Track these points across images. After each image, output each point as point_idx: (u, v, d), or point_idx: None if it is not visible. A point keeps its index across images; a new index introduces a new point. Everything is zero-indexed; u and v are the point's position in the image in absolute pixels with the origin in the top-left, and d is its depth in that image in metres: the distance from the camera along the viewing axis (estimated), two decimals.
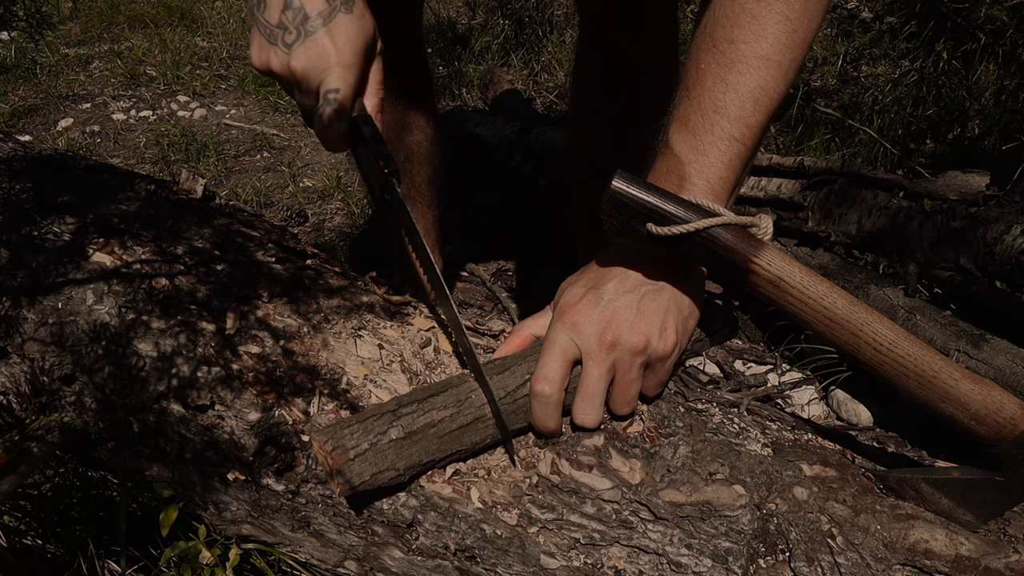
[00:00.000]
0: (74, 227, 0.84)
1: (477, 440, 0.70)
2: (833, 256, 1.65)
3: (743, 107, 0.68)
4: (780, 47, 0.68)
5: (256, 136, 2.74)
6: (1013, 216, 1.34)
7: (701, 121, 0.69)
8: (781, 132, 2.38)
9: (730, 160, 0.69)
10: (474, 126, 2.39)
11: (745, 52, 0.68)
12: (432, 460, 0.68)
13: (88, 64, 3.33)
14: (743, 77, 0.68)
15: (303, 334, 0.77)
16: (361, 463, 0.64)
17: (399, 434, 0.66)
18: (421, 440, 0.67)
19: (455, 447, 0.69)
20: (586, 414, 0.71)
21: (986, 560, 0.65)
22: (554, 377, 0.69)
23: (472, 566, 0.70)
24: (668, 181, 0.71)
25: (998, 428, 0.64)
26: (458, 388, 0.70)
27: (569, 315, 0.71)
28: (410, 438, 0.66)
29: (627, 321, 0.69)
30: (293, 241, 0.89)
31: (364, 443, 0.65)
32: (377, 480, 0.65)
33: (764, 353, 1.63)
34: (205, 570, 0.79)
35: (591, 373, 0.70)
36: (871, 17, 2.98)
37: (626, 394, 0.72)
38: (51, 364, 0.77)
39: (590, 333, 0.70)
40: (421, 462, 0.68)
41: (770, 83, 0.69)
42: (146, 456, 0.76)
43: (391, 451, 0.66)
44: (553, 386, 0.69)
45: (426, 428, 0.67)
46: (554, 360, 0.70)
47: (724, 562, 0.66)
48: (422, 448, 0.67)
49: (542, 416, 0.71)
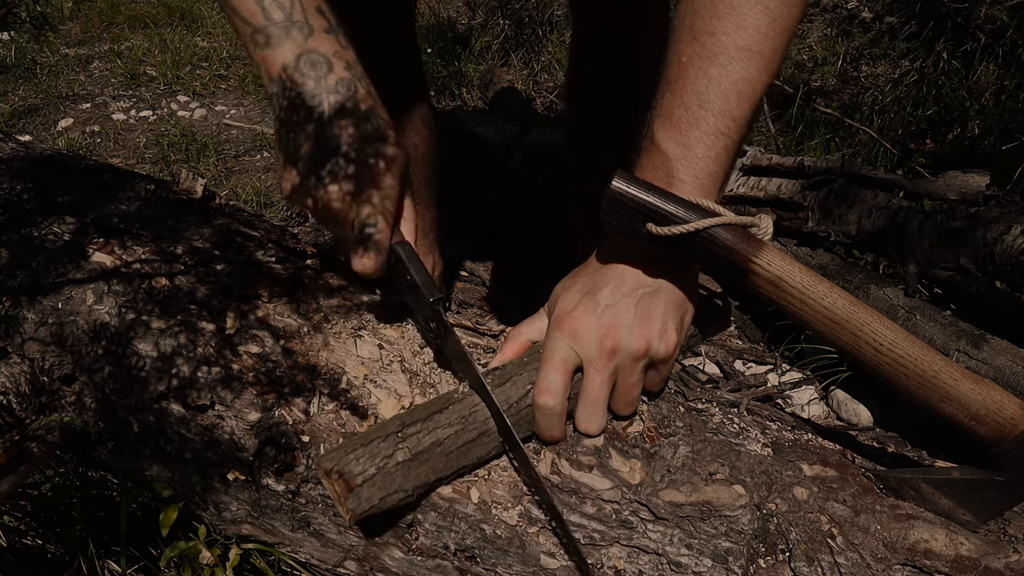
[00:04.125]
0: (74, 227, 0.84)
1: (483, 454, 0.70)
2: (833, 256, 1.65)
3: (727, 100, 0.68)
4: (761, 37, 0.67)
5: (256, 136, 2.74)
6: (1013, 216, 1.34)
7: (686, 116, 0.68)
8: (781, 132, 2.38)
9: (716, 154, 0.68)
10: (474, 126, 2.39)
11: (726, 44, 0.67)
12: (439, 478, 0.68)
13: (88, 64, 3.33)
14: (725, 69, 0.67)
15: (303, 334, 0.77)
16: (369, 488, 0.64)
17: (405, 456, 0.65)
18: (428, 460, 0.66)
19: (461, 463, 0.69)
20: (590, 422, 0.71)
21: (986, 560, 0.65)
22: (556, 389, 0.69)
23: (472, 566, 0.70)
24: (655, 177, 0.70)
25: (998, 428, 0.64)
26: (461, 403, 0.69)
27: (567, 322, 0.70)
28: (417, 459, 0.66)
29: (626, 326, 0.69)
30: (293, 241, 0.89)
31: (371, 468, 0.64)
32: (386, 503, 0.65)
33: (764, 353, 1.63)
34: (205, 570, 0.79)
35: (593, 381, 0.70)
36: (871, 17, 2.98)
37: (628, 397, 0.72)
38: (51, 364, 0.77)
39: (590, 341, 0.69)
40: (428, 481, 0.67)
41: (753, 74, 0.68)
42: (146, 456, 0.76)
43: (399, 474, 0.65)
44: (556, 398, 0.69)
45: (432, 448, 0.66)
46: (555, 371, 0.69)
47: (724, 562, 0.66)
48: (429, 468, 0.67)
49: (547, 427, 0.70)
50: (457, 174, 2.25)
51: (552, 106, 2.83)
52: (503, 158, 2.30)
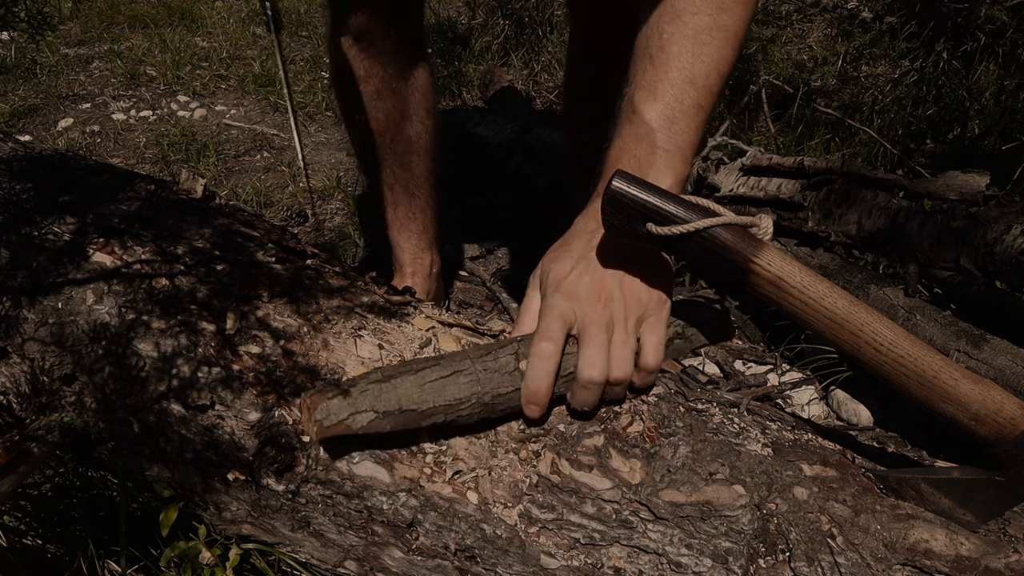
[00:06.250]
0: (74, 227, 0.84)
1: (460, 396, 0.69)
2: (833, 256, 1.64)
3: (708, 77, 0.74)
4: (736, 18, 0.74)
5: (256, 136, 2.74)
6: (1013, 216, 1.34)
7: (671, 91, 0.74)
8: (781, 132, 2.38)
9: (696, 126, 0.74)
10: (474, 126, 2.39)
11: (708, 23, 0.73)
12: (413, 410, 0.68)
13: (88, 64, 3.33)
14: (707, 48, 0.73)
15: (303, 334, 0.77)
16: (339, 402, 0.65)
17: (378, 377, 0.67)
18: (400, 387, 0.67)
19: (437, 401, 0.68)
20: (592, 367, 0.71)
21: (986, 560, 0.65)
22: (555, 336, 0.71)
23: (472, 566, 0.70)
24: (638, 147, 0.74)
25: (998, 428, 0.64)
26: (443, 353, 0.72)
27: (564, 285, 0.73)
28: (389, 382, 0.67)
29: (617, 279, 0.73)
30: (293, 241, 0.89)
31: (343, 387, 0.66)
32: (356, 423, 0.65)
33: (764, 353, 1.63)
34: (205, 570, 0.79)
35: (590, 330, 0.71)
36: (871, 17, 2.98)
37: (624, 349, 0.72)
38: (51, 364, 0.77)
39: (585, 296, 0.72)
40: (401, 408, 0.67)
41: (729, 53, 0.75)
42: (146, 456, 0.76)
43: (369, 395, 0.66)
44: (554, 344, 0.70)
45: (405, 375, 0.68)
46: (555, 321, 0.71)
47: (724, 562, 0.66)
48: (402, 394, 0.67)
49: (537, 375, 0.70)
50: (457, 174, 2.25)
51: (552, 106, 2.83)
52: (503, 158, 2.30)
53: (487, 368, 0.70)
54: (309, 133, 2.76)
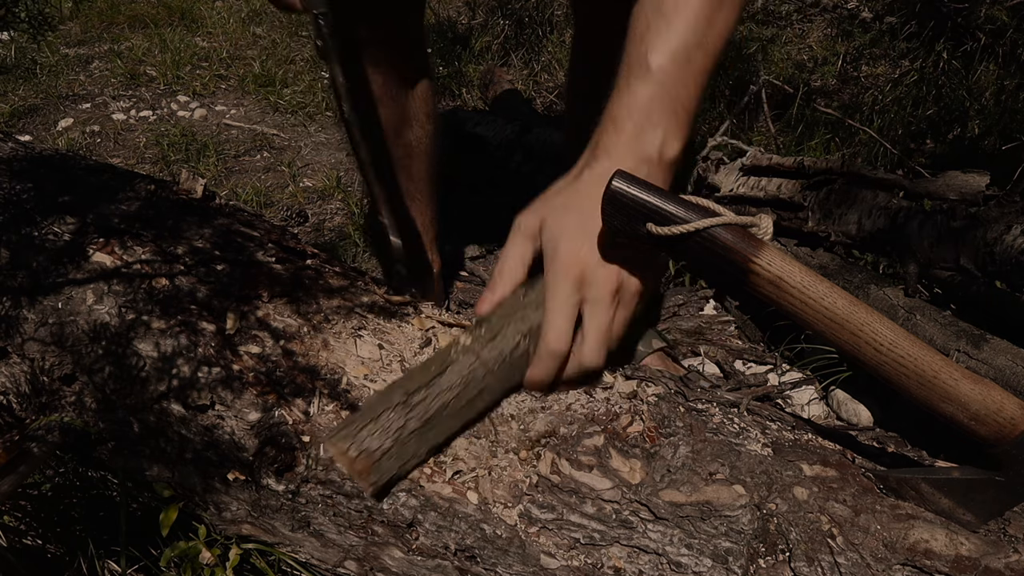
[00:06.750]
0: (74, 227, 0.84)
1: (484, 407, 0.73)
2: (833, 256, 1.64)
3: (717, 44, 0.76)
4: None
5: (256, 136, 2.74)
6: (1013, 216, 1.34)
7: (686, 55, 0.75)
8: (781, 132, 2.38)
9: (703, 89, 0.77)
10: (474, 126, 2.39)
11: None
12: (448, 437, 0.71)
13: (88, 64, 3.33)
14: (721, 14, 0.75)
15: (303, 334, 0.77)
16: (387, 460, 0.67)
17: (417, 424, 0.68)
18: (437, 424, 0.69)
19: (466, 418, 0.72)
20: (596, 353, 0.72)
21: (986, 560, 0.65)
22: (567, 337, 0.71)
23: (472, 566, 0.70)
24: (655, 105, 0.75)
25: (998, 428, 0.64)
26: (459, 363, 0.70)
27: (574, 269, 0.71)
28: (428, 424, 0.68)
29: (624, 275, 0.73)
30: (293, 241, 0.89)
31: (387, 441, 0.66)
32: (404, 471, 0.69)
33: (764, 353, 1.62)
34: (205, 570, 0.79)
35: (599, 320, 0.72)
36: (871, 17, 2.98)
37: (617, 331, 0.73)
38: (51, 364, 0.77)
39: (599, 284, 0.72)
40: (439, 443, 0.71)
41: (733, 22, 0.77)
42: (146, 456, 0.76)
43: (412, 442, 0.68)
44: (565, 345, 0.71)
45: (440, 411, 0.69)
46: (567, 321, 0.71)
47: (724, 562, 0.66)
48: (439, 431, 0.70)
49: (544, 372, 0.71)
50: (457, 174, 2.25)
51: (552, 106, 2.83)
52: (503, 158, 2.30)
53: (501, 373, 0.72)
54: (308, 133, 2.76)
